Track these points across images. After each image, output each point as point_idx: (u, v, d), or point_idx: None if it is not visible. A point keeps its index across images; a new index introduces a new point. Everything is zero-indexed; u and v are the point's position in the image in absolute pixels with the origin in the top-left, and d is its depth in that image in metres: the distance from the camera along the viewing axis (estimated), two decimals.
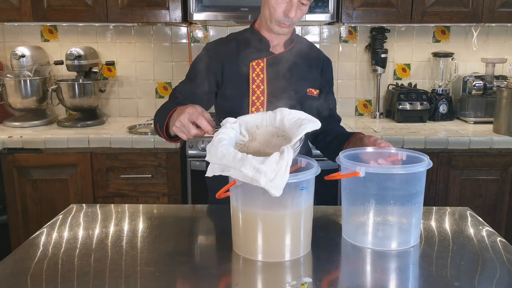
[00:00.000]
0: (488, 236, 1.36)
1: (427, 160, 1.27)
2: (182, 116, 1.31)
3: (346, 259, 1.27)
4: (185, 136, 1.33)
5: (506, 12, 2.72)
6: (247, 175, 1.07)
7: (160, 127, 1.49)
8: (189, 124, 1.29)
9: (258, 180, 1.06)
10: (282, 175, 1.07)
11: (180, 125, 1.31)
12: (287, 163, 1.08)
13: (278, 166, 1.07)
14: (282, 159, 1.08)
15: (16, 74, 2.83)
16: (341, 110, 2.03)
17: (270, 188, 1.06)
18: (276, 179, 1.06)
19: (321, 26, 3.10)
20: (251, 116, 1.31)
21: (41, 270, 1.15)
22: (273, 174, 1.06)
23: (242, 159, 1.09)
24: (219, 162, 1.13)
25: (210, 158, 1.15)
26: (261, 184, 1.06)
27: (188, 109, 1.31)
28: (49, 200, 2.58)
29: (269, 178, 1.06)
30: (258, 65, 1.64)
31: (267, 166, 1.07)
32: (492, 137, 2.57)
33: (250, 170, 1.07)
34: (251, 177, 1.07)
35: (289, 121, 1.24)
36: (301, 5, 1.56)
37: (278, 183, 1.06)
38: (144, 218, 1.50)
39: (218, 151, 1.13)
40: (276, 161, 1.08)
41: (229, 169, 1.12)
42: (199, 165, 2.52)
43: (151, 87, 3.15)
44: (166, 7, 2.68)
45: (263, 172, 1.06)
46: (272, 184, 1.06)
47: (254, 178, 1.07)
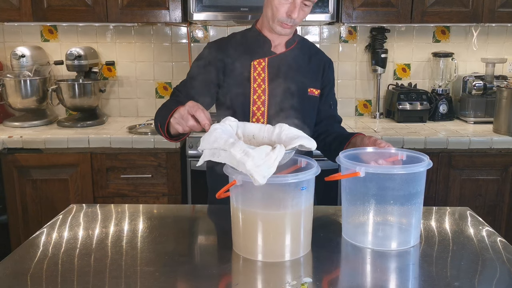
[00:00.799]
0: (488, 236, 1.36)
1: (427, 160, 1.27)
2: (181, 109, 1.31)
3: (346, 259, 1.27)
4: (181, 128, 1.31)
5: (506, 12, 2.72)
6: (235, 156, 1.06)
7: (161, 126, 1.48)
8: (188, 116, 1.28)
9: (245, 162, 1.05)
10: (269, 166, 1.06)
11: (179, 116, 1.31)
12: (277, 157, 1.07)
13: (267, 157, 1.06)
14: (273, 152, 1.07)
15: (16, 74, 2.83)
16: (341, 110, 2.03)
17: (254, 172, 1.04)
18: (263, 167, 1.05)
19: (321, 26, 3.10)
20: (251, 124, 1.31)
21: (41, 270, 1.15)
22: (261, 161, 1.05)
23: (233, 143, 1.08)
24: (211, 146, 1.12)
25: (203, 144, 1.14)
26: (246, 167, 1.05)
27: (188, 103, 1.31)
28: (49, 200, 2.58)
29: (256, 163, 1.05)
30: (260, 65, 1.65)
31: (257, 152, 1.06)
32: (492, 137, 2.57)
33: (239, 152, 1.06)
34: (238, 159, 1.06)
35: (286, 135, 1.23)
36: (304, 6, 1.56)
37: (264, 170, 1.05)
38: (144, 218, 1.50)
39: (212, 136, 1.13)
40: (266, 152, 1.07)
41: (220, 153, 1.11)
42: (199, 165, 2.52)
43: (151, 87, 3.15)
44: (166, 7, 2.68)
45: (251, 156, 1.05)
46: (258, 169, 1.05)
47: (241, 161, 1.06)
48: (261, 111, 1.64)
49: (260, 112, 1.64)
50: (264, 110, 1.64)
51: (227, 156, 1.10)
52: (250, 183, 1.15)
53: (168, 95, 3.15)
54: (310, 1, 1.55)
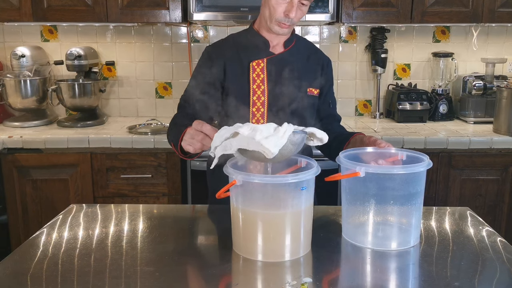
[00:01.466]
0: (488, 236, 1.36)
1: (427, 160, 1.27)
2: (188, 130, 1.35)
3: (346, 259, 1.27)
4: (192, 148, 1.34)
5: (506, 12, 2.72)
6: (244, 133, 1.08)
7: (174, 145, 1.52)
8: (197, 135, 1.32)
9: (254, 136, 1.06)
10: (278, 138, 1.07)
11: (189, 137, 1.34)
12: (286, 131, 1.09)
13: (276, 131, 1.08)
14: (281, 127, 1.10)
15: (16, 74, 2.83)
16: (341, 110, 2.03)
17: (265, 143, 1.05)
18: (272, 137, 1.06)
19: (321, 26, 3.10)
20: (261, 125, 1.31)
21: (41, 270, 1.15)
22: (268, 134, 1.07)
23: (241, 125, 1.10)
24: (221, 139, 1.14)
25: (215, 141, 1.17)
26: (256, 139, 1.06)
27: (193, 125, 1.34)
28: (49, 200, 2.58)
29: (264, 135, 1.07)
30: (258, 65, 1.65)
31: (264, 126, 1.09)
32: (492, 137, 2.57)
33: (247, 129, 1.08)
34: (247, 135, 1.07)
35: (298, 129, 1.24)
36: (301, 6, 1.56)
37: (274, 141, 1.06)
38: (144, 218, 1.50)
39: (221, 132, 1.16)
40: (274, 127, 1.10)
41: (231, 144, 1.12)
42: (199, 165, 2.52)
43: (151, 87, 3.15)
44: (166, 7, 2.68)
45: (259, 130, 1.07)
46: (267, 140, 1.06)
47: (249, 136, 1.07)
48: (260, 112, 1.64)
49: (260, 113, 1.64)
50: (263, 111, 1.64)
51: (237, 141, 1.11)
52: (250, 183, 1.15)
53: (168, 95, 3.15)
54: (307, 0, 1.55)
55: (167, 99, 3.16)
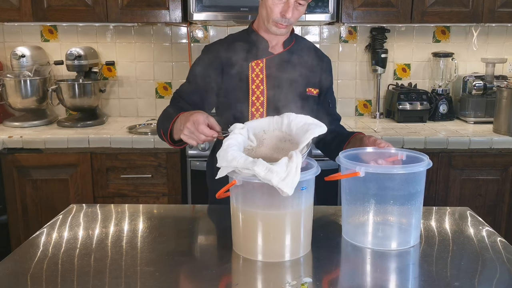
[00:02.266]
0: (488, 236, 1.36)
1: (427, 160, 1.27)
2: (188, 124, 1.33)
3: (346, 259, 1.27)
4: (195, 142, 1.35)
5: (506, 12, 2.72)
6: (259, 174, 1.10)
7: (164, 133, 1.51)
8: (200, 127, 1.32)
9: (270, 179, 1.10)
10: (293, 175, 1.10)
11: (189, 132, 1.34)
12: (297, 165, 1.11)
13: (288, 168, 1.11)
14: (291, 162, 1.12)
15: (16, 74, 2.83)
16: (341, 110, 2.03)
17: (282, 186, 1.09)
18: (288, 178, 1.10)
19: (321, 26, 3.10)
20: (258, 121, 1.34)
21: (41, 270, 1.15)
22: (284, 174, 1.10)
23: (254, 161, 1.12)
24: (229, 164, 1.16)
25: (220, 162, 1.18)
26: (273, 183, 1.09)
27: (193, 116, 1.34)
28: (49, 200, 2.58)
29: (281, 177, 1.10)
30: (257, 66, 1.64)
31: (278, 166, 1.11)
32: (492, 137, 2.57)
33: (263, 170, 1.10)
34: (263, 176, 1.10)
35: (296, 125, 1.26)
36: (298, 5, 1.56)
37: (289, 182, 1.10)
38: (144, 218, 1.50)
39: (229, 154, 1.17)
40: (286, 164, 1.12)
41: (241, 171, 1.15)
42: (199, 165, 2.52)
43: (151, 87, 3.15)
44: (166, 7, 2.68)
45: (275, 172, 1.10)
46: (284, 182, 1.09)
47: (266, 178, 1.10)
48: (260, 112, 1.64)
49: (259, 113, 1.64)
50: (263, 111, 1.64)
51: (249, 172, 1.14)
52: (250, 183, 1.15)
53: (168, 95, 3.15)
54: (304, 0, 1.55)
55: (167, 99, 3.16)
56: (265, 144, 1.31)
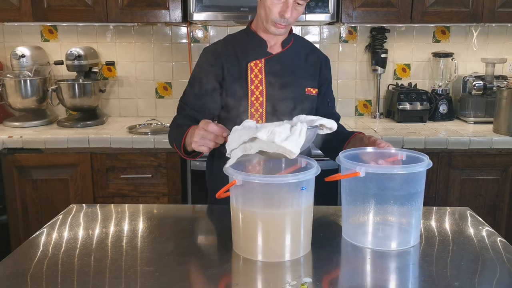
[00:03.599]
0: (488, 236, 1.36)
1: (427, 160, 1.27)
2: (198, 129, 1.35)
3: (346, 259, 1.27)
4: (206, 148, 1.36)
5: (506, 12, 2.72)
6: (263, 138, 1.10)
7: (177, 146, 1.55)
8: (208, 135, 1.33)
9: (273, 139, 1.09)
10: (297, 137, 1.10)
11: (200, 137, 1.34)
12: (301, 130, 1.11)
13: (292, 130, 1.11)
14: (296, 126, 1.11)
15: (16, 74, 2.83)
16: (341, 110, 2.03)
17: (285, 144, 1.08)
18: (291, 137, 1.09)
19: (321, 26, 3.10)
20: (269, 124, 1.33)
21: (41, 270, 1.15)
22: (287, 135, 1.10)
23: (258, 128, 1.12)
24: (238, 142, 1.15)
25: (231, 144, 1.18)
26: (276, 142, 1.09)
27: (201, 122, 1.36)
28: (49, 200, 2.58)
29: (283, 137, 1.09)
30: (256, 66, 1.64)
31: (282, 128, 1.10)
32: (492, 137, 2.57)
33: (265, 133, 1.10)
34: (266, 139, 1.10)
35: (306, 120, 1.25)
36: (297, 5, 1.55)
37: (293, 141, 1.09)
38: (144, 218, 1.50)
39: (236, 134, 1.18)
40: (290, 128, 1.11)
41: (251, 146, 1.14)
42: (199, 165, 2.52)
43: (151, 87, 3.15)
44: (166, 7, 2.68)
45: (278, 133, 1.09)
46: (287, 141, 1.09)
47: (269, 139, 1.09)
48: (259, 113, 1.64)
49: (259, 114, 1.64)
50: (262, 112, 1.64)
51: (257, 144, 1.13)
52: (250, 183, 1.15)
53: (168, 95, 3.15)
54: (303, 0, 1.55)
55: (167, 99, 3.16)
56: None
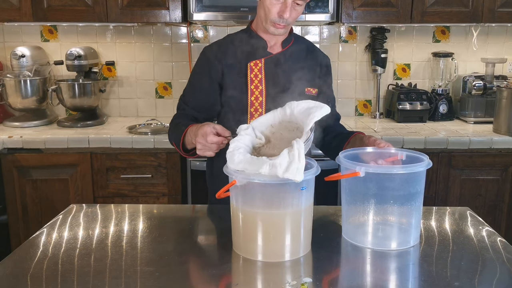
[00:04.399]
0: (488, 236, 1.36)
1: (427, 160, 1.27)
2: (198, 138, 1.38)
3: (346, 259, 1.27)
4: (212, 153, 1.40)
5: (506, 12, 2.72)
6: (265, 172, 1.12)
7: (176, 145, 1.58)
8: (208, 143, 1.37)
9: (276, 173, 1.11)
10: (297, 162, 1.11)
11: (201, 146, 1.39)
12: (299, 152, 1.12)
13: (290, 157, 1.11)
14: (293, 150, 1.12)
15: (16, 74, 2.83)
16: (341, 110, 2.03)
17: (288, 176, 1.10)
18: (291, 166, 1.10)
19: (321, 26, 3.10)
20: (263, 117, 1.35)
21: (41, 270, 1.15)
22: (287, 164, 1.10)
23: (259, 162, 1.14)
24: (236, 167, 1.17)
25: (230, 165, 1.20)
26: (279, 175, 1.10)
27: (200, 130, 1.38)
28: (49, 200, 2.58)
29: (284, 168, 1.10)
30: (256, 66, 1.64)
31: (280, 159, 1.11)
32: (492, 137, 2.57)
33: (267, 168, 1.12)
34: (268, 173, 1.12)
35: (299, 112, 1.28)
36: (296, 5, 1.55)
37: (294, 169, 1.10)
38: (144, 218, 1.50)
39: (235, 157, 1.18)
40: (287, 154, 1.12)
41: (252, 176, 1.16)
42: (199, 165, 2.52)
43: (151, 87, 3.15)
44: (166, 7, 2.68)
45: (278, 165, 1.10)
46: (288, 172, 1.10)
47: (271, 173, 1.11)
48: (258, 113, 1.64)
49: (258, 114, 1.64)
50: (262, 112, 1.64)
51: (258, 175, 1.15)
52: (250, 183, 1.15)
53: (168, 95, 3.15)
54: (302, 0, 1.54)
55: (167, 99, 3.16)
56: (275, 138, 1.31)
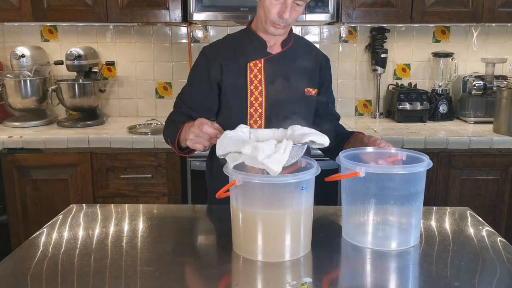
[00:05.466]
0: (488, 236, 1.36)
1: (427, 160, 1.27)
2: (193, 128, 1.36)
3: (346, 259, 1.27)
4: (201, 146, 1.37)
5: (506, 12, 2.72)
6: (247, 153, 1.10)
7: (171, 142, 1.56)
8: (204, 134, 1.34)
9: (256, 156, 1.09)
10: (281, 153, 1.10)
11: (194, 135, 1.36)
12: (286, 147, 1.11)
13: (277, 148, 1.11)
14: (281, 144, 1.12)
15: (16, 74, 2.83)
16: (341, 110, 2.03)
17: (267, 162, 1.08)
18: (274, 155, 1.09)
19: (321, 26, 3.10)
20: (263, 130, 1.34)
21: (41, 270, 1.15)
22: (270, 151, 1.10)
23: (243, 142, 1.13)
24: (224, 150, 1.16)
25: (218, 151, 1.18)
26: (258, 159, 1.09)
27: (197, 121, 1.37)
28: (49, 200, 2.58)
29: (266, 154, 1.09)
30: (256, 66, 1.64)
31: (266, 144, 1.11)
32: (492, 137, 2.57)
33: (249, 148, 1.10)
34: (250, 155, 1.10)
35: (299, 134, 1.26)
36: (296, 6, 1.55)
37: (275, 159, 1.09)
38: (144, 218, 1.50)
39: (224, 141, 1.18)
40: (275, 144, 1.12)
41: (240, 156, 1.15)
42: (199, 165, 2.52)
43: (151, 87, 3.15)
44: (166, 7, 2.68)
45: (261, 149, 1.09)
46: (270, 159, 1.09)
47: (252, 155, 1.10)
48: (258, 113, 1.64)
49: (258, 114, 1.64)
50: (261, 112, 1.64)
51: (242, 157, 1.14)
52: (250, 183, 1.15)
53: (168, 95, 3.15)
54: (302, 0, 1.54)
55: (167, 99, 3.16)
56: None
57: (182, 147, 1.53)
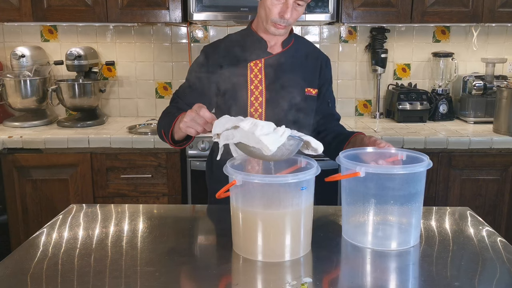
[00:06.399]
0: (488, 236, 1.36)
1: (427, 160, 1.27)
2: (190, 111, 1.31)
3: (346, 259, 1.27)
4: (193, 130, 1.31)
5: (506, 12, 2.72)
6: (244, 128, 1.10)
7: (165, 132, 1.51)
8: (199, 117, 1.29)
9: (254, 131, 1.09)
10: (278, 136, 1.10)
11: (190, 118, 1.30)
12: (284, 132, 1.11)
13: (275, 130, 1.11)
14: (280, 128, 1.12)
15: (16, 74, 2.83)
16: (341, 110, 2.03)
17: (264, 139, 1.08)
18: (271, 135, 1.09)
19: (321, 26, 3.10)
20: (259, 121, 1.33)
21: (41, 270, 1.15)
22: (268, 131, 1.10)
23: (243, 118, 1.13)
24: (223, 127, 1.15)
25: (216, 129, 1.18)
26: (255, 134, 1.08)
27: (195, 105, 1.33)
28: (49, 200, 2.58)
29: (264, 132, 1.09)
30: (256, 66, 1.64)
31: (265, 123, 1.11)
32: (492, 137, 2.57)
33: (248, 123, 1.10)
34: (247, 130, 1.09)
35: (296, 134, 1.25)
36: (297, 6, 1.55)
37: (272, 138, 1.09)
38: (144, 218, 1.50)
39: (222, 119, 1.18)
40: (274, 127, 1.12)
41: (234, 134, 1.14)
42: (199, 165, 2.52)
43: (151, 87, 3.15)
44: (166, 7, 2.68)
45: (260, 126, 1.09)
46: (267, 137, 1.08)
47: (250, 131, 1.09)
48: (258, 113, 1.64)
49: (258, 114, 1.64)
50: (261, 112, 1.64)
51: (239, 133, 1.13)
52: (250, 183, 1.15)
53: (168, 95, 3.15)
54: (303, 0, 1.54)
55: (167, 99, 3.16)
56: None
57: (175, 139, 1.50)
